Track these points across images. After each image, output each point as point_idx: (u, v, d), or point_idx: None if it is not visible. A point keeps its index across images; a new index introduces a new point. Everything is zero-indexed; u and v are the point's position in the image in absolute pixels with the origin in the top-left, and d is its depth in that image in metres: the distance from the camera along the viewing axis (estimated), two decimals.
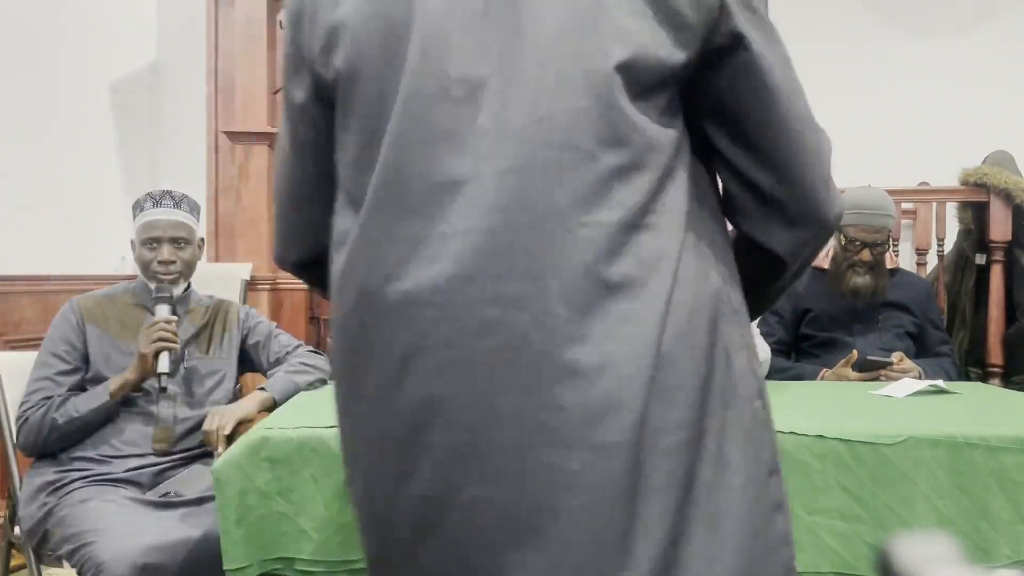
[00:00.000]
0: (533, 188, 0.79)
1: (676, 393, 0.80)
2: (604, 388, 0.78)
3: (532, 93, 0.80)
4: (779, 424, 1.52)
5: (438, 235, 0.81)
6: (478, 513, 0.81)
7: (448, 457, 0.81)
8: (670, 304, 0.80)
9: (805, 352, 2.64)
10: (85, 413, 1.89)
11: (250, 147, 3.34)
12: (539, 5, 0.81)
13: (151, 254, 2.03)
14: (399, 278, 0.82)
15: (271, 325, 2.22)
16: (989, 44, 4.41)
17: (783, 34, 0.92)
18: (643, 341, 0.79)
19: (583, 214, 0.79)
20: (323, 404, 1.84)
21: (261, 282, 3.32)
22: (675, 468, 0.79)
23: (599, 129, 0.79)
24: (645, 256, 0.80)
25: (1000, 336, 3.19)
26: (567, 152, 0.79)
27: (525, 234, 0.79)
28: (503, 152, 0.80)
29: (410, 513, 0.85)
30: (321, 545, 1.50)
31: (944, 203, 3.45)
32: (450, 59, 0.82)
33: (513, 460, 0.79)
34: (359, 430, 0.93)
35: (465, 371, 0.80)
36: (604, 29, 0.79)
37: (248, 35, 3.34)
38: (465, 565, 0.82)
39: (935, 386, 2.03)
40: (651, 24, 0.80)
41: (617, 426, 0.78)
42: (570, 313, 0.78)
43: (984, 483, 1.48)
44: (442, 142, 0.82)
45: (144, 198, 2.06)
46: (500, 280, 0.79)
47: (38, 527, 1.84)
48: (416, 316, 0.82)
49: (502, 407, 0.79)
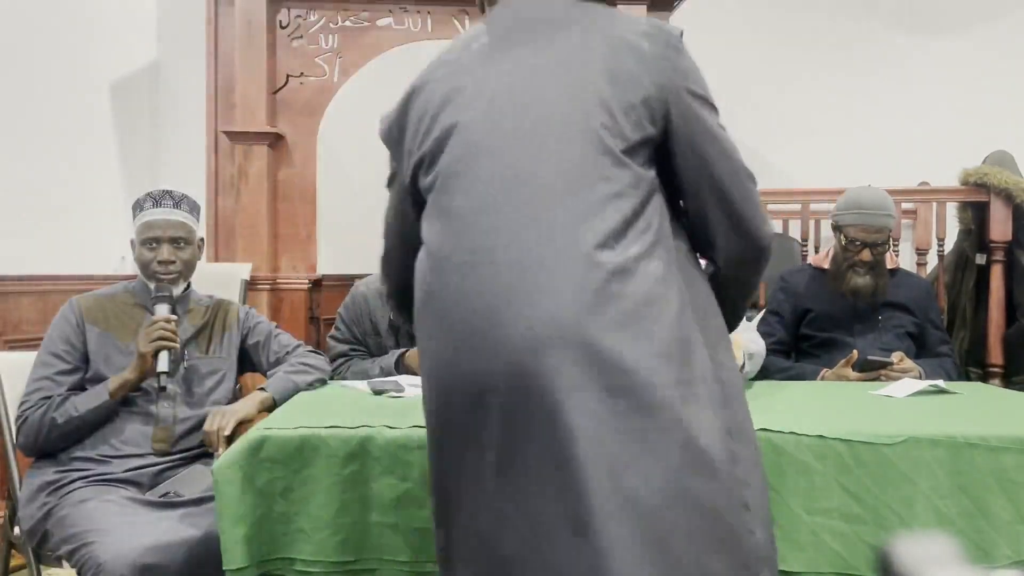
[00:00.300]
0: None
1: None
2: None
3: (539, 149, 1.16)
4: (779, 424, 1.52)
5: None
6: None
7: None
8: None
9: (805, 352, 2.64)
10: (84, 412, 1.89)
11: (250, 147, 3.34)
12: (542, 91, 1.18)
13: (150, 254, 2.03)
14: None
15: (271, 325, 2.22)
16: (989, 44, 4.41)
17: (784, 34, 0.96)
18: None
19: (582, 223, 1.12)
20: (323, 404, 1.84)
21: (261, 282, 3.32)
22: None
23: (596, 168, 1.14)
24: (630, 254, 1.11)
25: (1000, 336, 3.19)
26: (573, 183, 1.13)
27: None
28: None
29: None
30: (321, 545, 1.50)
31: (944, 203, 3.45)
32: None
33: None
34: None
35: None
36: (591, 110, 1.16)
37: (248, 35, 3.34)
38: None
39: (935, 386, 2.03)
40: (619, 114, 1.16)
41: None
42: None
43: (984, 483, 1.48)
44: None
45: (144, 198, 2.06)
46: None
47: (38, 527, 1.84)
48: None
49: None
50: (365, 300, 2.42)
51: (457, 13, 3.45)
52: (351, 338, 2.42)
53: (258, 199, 3.35)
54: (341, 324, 2.44)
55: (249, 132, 3.33)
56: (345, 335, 2.43)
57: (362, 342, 2.42)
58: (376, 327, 2.40)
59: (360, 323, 2.42)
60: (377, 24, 3.43)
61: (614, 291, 1.08)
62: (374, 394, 1.96)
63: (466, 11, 3.44)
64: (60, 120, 3.32)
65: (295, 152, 3.41)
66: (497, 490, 1.11)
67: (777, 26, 4.51)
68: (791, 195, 3.55)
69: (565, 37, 1.21)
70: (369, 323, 2.41)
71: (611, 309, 1.08)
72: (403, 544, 1.50)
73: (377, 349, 2.40)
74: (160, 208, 2.03)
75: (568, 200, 1.12)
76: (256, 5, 3.33)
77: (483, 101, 1.20)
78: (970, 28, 4.46)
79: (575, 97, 1.16)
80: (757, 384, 2.15)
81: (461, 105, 1.21)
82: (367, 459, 1.51)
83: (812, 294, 2.64)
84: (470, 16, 3.44)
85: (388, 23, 3.44)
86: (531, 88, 1.18)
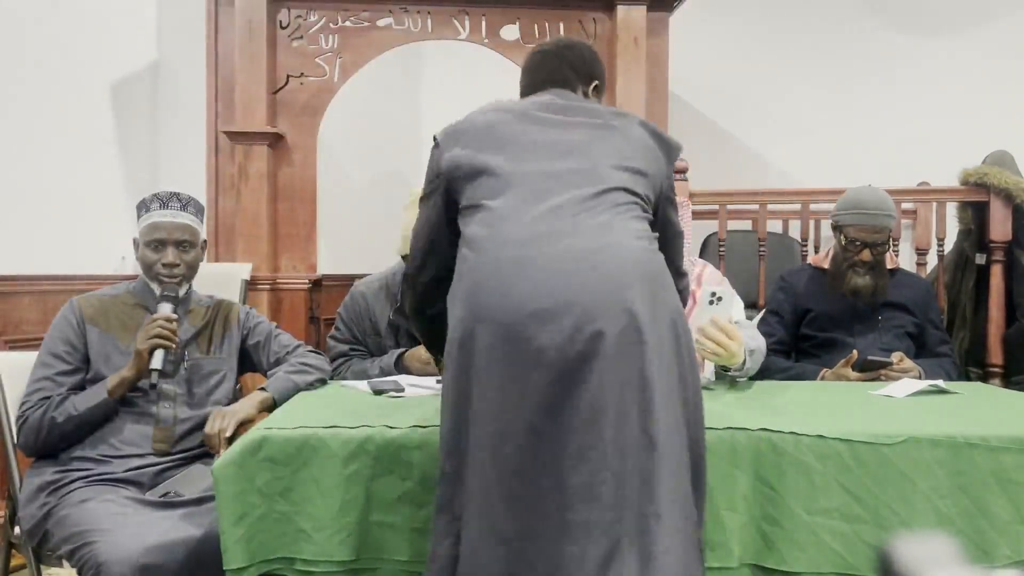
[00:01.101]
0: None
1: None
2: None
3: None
4: (779, 424, 1.52)
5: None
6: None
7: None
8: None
9: (805, 352, 2.64)
10: (84, 411, 1.89)
11: (250, 147, 3.34)
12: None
13: (155, 255, 2.03)
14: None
15: (271, 325, 2.22)
16: (989, 44, 4.41)
17: (785, 34, 0.97)
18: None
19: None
20: (323, 404, 1.84)
21: (261, 282, 3.32)
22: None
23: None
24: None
25: (1000, 336, 3.19)
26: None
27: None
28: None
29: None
30: (321, 545, 1.50)
31: (944, 203, 3.45)
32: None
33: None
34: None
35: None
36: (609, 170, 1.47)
37: (248, 35, 3.34)
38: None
39: (935, 386, 2.03)
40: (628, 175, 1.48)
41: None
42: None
43: (984, 483, 1.48)
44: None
45: (151, 199, 2.05)
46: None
47: (38, 527, 1.84)
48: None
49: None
50: (364, 299, 2.42)
51: (457, 13, 3.45)
52: (351, 338, 2.42)
53: (258, 199, 3.35)
54: (341, 324, 2.45)
55: (249, 132, 3.33)
56: (345, 335, 2.43)
57: (362, 342, 2.42)
58: (376, 327, 2.40)
59: (360, 323, 2.42)
60: (377, 24, 3.43)
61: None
62: (374, 394, 1.96)
63: (466, 11, 3.44)
64: (60, 120, 3.32)
65: (295, 152, 3.42)
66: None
67: (777, 26, 4.51)
68: (791, 195, 3.55)
69: (591, 117, 1.54)
70: (368, 323, 2.41)
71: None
72: (403, 544, 1.51)
73: (377, 349, 2.40)
74: (168, 210, 2.03)
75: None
76: (256, 5, 3.33)
77: (524, 144, 1.48)
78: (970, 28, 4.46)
79: (598, 157, 1.46)
80: (757, 384, 2.15)
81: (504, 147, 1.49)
82: (367, 459, 1.51)
83: (812, 294, 2.64)
84: (470, 16, 3.44)
85: (388, 23, 3.44)
86: (565, 140, 1.49)
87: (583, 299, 1.28)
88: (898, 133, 4.32)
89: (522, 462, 1.28)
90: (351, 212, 3.94)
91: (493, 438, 1.30)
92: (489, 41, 3.46)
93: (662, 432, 1.29)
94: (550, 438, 1.27)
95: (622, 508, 1.26)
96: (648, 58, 3.43)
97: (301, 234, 3.43)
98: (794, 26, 4.50)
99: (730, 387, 2.06)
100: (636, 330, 1.29)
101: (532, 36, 3.44)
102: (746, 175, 4.25)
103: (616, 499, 1.26)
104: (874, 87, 4.46)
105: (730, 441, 1.49)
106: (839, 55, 4.49)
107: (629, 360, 1.28)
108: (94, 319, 1.99)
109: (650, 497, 1.27)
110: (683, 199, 2.54)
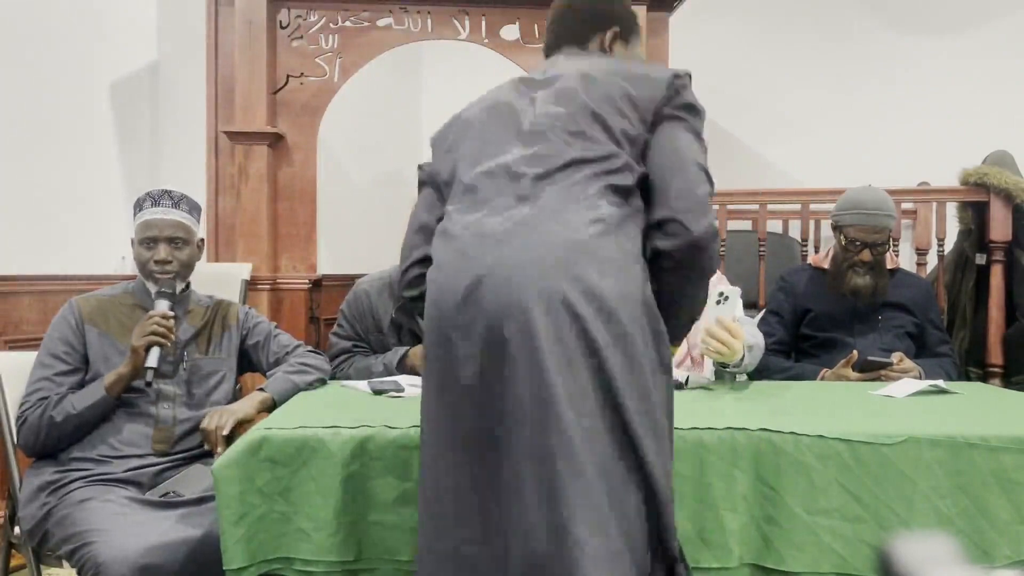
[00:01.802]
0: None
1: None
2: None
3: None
4: (779, 424, 1.52)
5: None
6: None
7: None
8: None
9: (805, 352, 2.64)
10: (82, 410, 1.89)
11: (250, 147, 3.35)
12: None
13: (148, 253, 2.03)
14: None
15: (271, 325, 2.22)
16: (989, 44, 4.41)
17: (785, 34, 0.96)
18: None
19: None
20: (323, 404, 1.84)
21: (261, 282, 3.32)
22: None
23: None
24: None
25: (1000, 336, 3.19)
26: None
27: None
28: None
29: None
30: (321, 545, 1.50)
31: (944, 203, 3.45)
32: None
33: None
34: None
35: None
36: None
37: (248, 35, 3.34)
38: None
39: (935, 386, 2.03)
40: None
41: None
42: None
43: (984, 483, 1.48)
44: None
45: (144, 197, 2.06)
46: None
47: (38, 527, 1.84)
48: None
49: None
50: (367, 297, 2.43)
51: (457, 13, 3.45)
52: (353, 335, 2.43)
53: (258, 199, 3.35)
54: (344, 321, 2.45)
55: (249, 132, 3.33)
56: (348, 332, 2.43)
57: (364, 339, 2.43)
58: (379, 324, 2.40)
59: (363, 320, 2.42)
60: (377, 24, 3.44)
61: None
62: (374, 394, 1.96)
63: (466, 11, 3.44)
64: (60, 120, 3.32)
65: (295, 152, 3.42)
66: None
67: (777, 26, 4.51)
68: (791, 195, 3.55)
69: (566, 83, 1.46)
70: (371, 320, 2.41)
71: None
72: (403, 544, 1.50)
73: (380, 346, 2.40)
74: (159, 207, 2.03)
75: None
76: (256, 5, 3.33)
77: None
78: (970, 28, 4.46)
79: (556, 136, 1.40)
80: (757, 384, 2.15)
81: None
82: (367, 459, 1.51)
83: (812, 294, 2.64)
84: (470, 16, 3.44)
85: (388, 23, 3.44)
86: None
87: (493, 308, 1.24)
88: (898, 133, 4.32)
89: (457, 474, 1.28)
90: (351, 212, 3.94)
91: (431, 447, 1.32)
92: (489, 41, 3.46)
93: (569, 442, 1.19)
94: (468, 447, 1.27)
95: (532, 522, 1.20)
96: (648, 58, 3.42)
97: (301, 234, 3.43)
98: (794, 26, 4.50)
99: (730, 387, 2.06)
100: (531, 336, 1.21)
101: (532, 36, 3.44)
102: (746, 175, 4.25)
103: (522, 512, 1.21)
104: (874, 87, 4.46)
105: (730, 441, 1.49)
106: (839, 55, 4.49)
107: (531, 368, 1.21)
108: (93, 319, 1.99)
109: (555, 511, 1.19)
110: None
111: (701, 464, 1.48)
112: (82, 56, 3.42)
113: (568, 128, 1.38)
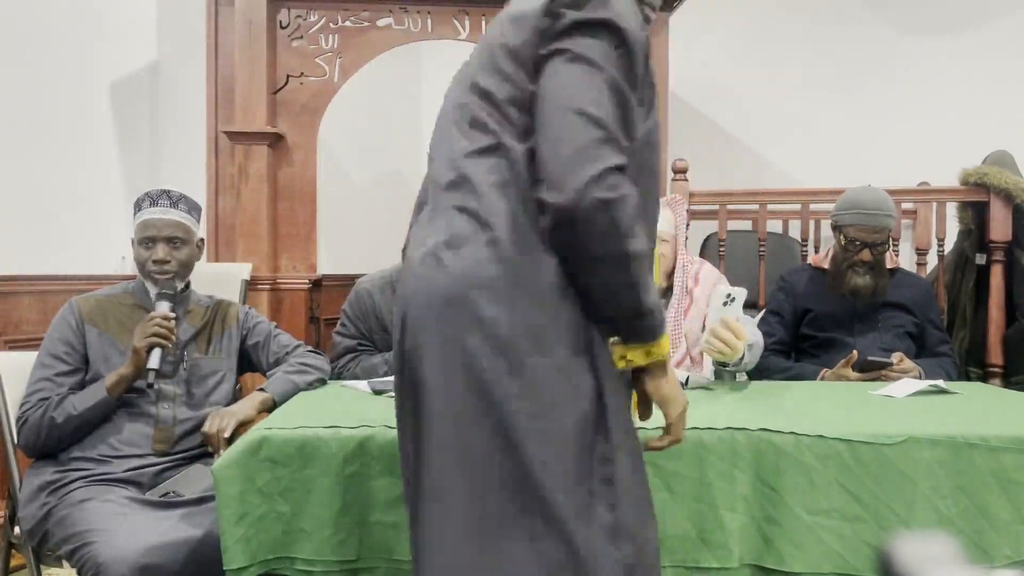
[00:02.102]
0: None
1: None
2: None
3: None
4: (779, 424, 1.52)
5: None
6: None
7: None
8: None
9: (805, 352, 2.64)
10: (83, 411, 1.89)
11: (250, 147, 3.34)
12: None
13: (146, 253, 2.03)
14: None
15: (271, 325, 2.22)
16: (989, 44, 4.40)
17: (785, 35, 0.95)
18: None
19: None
20: (323, 404, 1.84)
21: (261, 282, 3.32)
22: None
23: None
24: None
25: (1000, 336, 3.19)
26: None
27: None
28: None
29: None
30: (321, 545, 1.50)
31: (944, 203, 3.45)
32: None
33: None
34: None
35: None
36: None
37: (248, 35, 3.34)
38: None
39: (935, 386, 2.03)
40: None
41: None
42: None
43: (984, 483, 1.48)
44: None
45: (143, 197, 2.06)
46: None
47: (38, 527, 1.84)
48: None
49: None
50: (370, 296, 2.43)
51: (457, 13, 3.45)
52: (357, 334, 2.43)
53: (258, 199, 3.35)
54: (347, 320, 2.45)
55: (249, 132, 3.33)
56: (351, 331, 2.44)
57: (368, 338, 2.43)
58: (382, 323, 2.40)
59: (366, 319, 2.42)
60: (377, 24, 3.44)
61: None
62: (374, 394, 1.96)
63: (466, 11, 3.44)
64: (60, 120, 3.32)
65: (295, 152, 3.42)
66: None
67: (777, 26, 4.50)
68: (791, 195, 3.55)
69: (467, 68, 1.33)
70: (375, 319, 2.42)
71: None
72: (403, 544, 1.50)
73: (384, 345, 2.40)
74: (157, 207, 2.03)
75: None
76: (256, 5, 3.33)
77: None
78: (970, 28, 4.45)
79: (452, 139, 1.26)
80: (757, 384, 2.15)
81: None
82: (367, 459, 1.51)
83: (812, 294, 2.64)
84: (470, 16, 3.44)
85: (388, 23, 3.44)
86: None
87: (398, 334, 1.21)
88: (898, 133, 4.32)
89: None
90: (351, 212, 3.94)
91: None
92: None
93: (437, 480, 1.12)
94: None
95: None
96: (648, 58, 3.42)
97: (301, 234, 3.43)
98: (794, 26, 4.50)
99: (730, 387, 2.06)
100: (414, 367, 1.15)
101: None
102: (746, 175, 4.25)
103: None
104: (874, 87, 4.46)
105: (730, 441, 1.49)
106: (839, 55, 4.48)
107: (412, 397, 1.17)
108: (93, 319, 1.99)
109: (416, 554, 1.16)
110: (680, 197, 2.54)
111: (701, 464, 1.48)
112: (82, 56, 3.42)
113: (462, 118, 1.21)
